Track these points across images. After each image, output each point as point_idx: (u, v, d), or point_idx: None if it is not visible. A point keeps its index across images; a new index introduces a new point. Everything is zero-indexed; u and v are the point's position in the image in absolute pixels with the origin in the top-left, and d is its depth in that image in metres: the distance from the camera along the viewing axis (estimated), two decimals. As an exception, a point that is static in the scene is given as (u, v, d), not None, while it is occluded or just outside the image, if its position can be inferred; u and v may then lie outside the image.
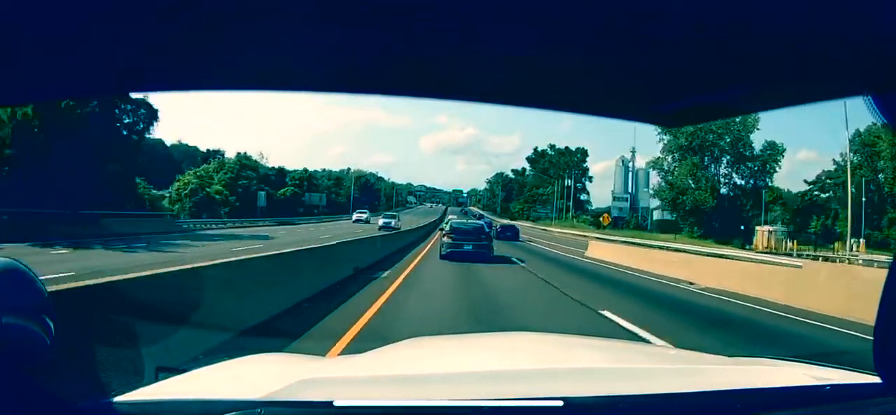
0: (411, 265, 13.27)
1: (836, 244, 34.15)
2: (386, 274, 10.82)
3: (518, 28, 0.60)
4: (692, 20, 0.57)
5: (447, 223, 18.53)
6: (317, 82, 0.85)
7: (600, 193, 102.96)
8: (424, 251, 18.42)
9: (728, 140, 46.28)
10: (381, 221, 32.46)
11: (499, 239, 24.61)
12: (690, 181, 46.24)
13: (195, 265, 5.37)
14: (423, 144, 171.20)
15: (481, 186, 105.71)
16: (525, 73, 0.73)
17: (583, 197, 70.24)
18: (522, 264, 15.39)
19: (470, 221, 22.15)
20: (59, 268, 9.87)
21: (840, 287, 8.41)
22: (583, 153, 70.84)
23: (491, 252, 16.12)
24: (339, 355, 4.18)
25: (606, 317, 7.07)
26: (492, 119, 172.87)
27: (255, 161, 52.24)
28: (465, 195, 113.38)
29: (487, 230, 18.08)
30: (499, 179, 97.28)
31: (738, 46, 0.61)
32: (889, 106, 0.66)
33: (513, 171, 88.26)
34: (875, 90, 0.65)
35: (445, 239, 16.03)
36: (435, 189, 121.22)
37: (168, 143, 53.77)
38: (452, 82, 0.78)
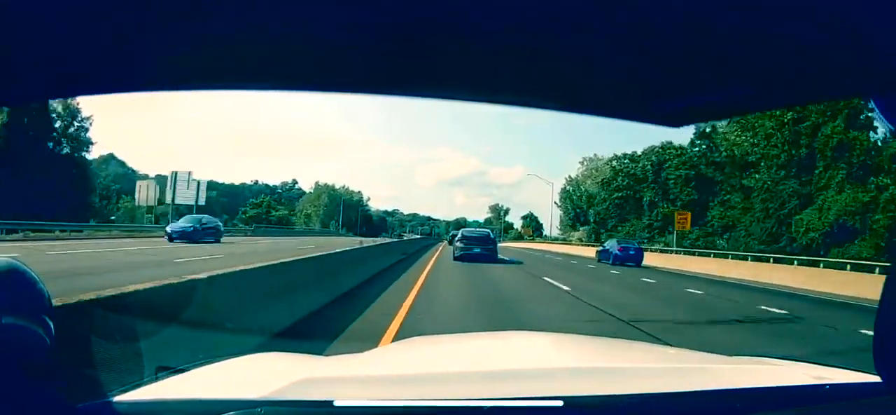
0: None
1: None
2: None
3: (519, 27, 0.60)
4: (694, 19, 0.57)
5: (459, 232, 21.83)
6: (304, 80, 0.78)
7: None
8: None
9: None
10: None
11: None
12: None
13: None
14: (421, 176, 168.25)
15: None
16: (526, 72, 0.73)
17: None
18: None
19: (479, 229, 24.83)
20: None
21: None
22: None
23: (496, 255, 19.27)
24: None
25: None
26: (493, 151, 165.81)
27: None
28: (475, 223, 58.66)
29: (493, 236, 21.02)
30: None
31: (740, 46, 0.61)
32: (889, 107, 0.66)
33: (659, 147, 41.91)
34: (876, 91, 0.65)
35: (458, 243, 19.48)
36: (430, 217, 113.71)
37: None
38: (451, 82, 0.78)
